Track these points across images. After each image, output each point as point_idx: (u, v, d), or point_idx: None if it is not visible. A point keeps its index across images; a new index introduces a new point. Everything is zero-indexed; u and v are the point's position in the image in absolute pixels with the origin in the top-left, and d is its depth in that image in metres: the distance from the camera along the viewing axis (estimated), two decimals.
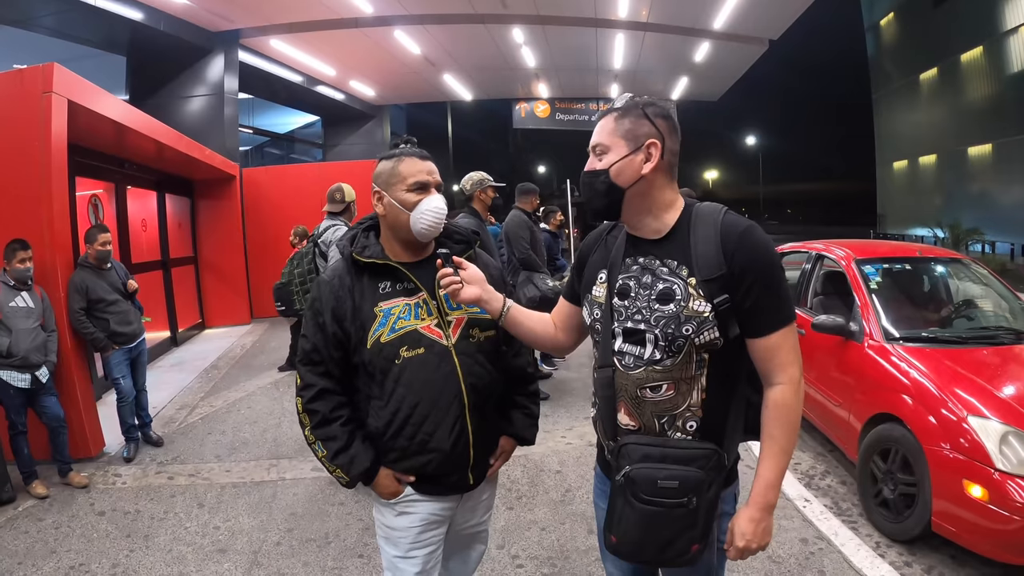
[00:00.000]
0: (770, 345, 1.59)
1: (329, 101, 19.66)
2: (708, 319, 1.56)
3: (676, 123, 1.68)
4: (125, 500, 4.36)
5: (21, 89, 4.88)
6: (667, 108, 1.67)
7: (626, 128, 1.65)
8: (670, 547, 1.60)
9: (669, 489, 1.56)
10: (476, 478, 2.01)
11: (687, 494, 1.55)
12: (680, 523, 1.57)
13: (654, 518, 1.58)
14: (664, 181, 1.67)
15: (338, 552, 3.62)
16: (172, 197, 10.05)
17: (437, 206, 1.90)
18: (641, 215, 1.69)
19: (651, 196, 1.66)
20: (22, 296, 4.42)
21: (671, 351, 1.60)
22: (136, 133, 6.76)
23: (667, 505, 1.56)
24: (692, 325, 1.57)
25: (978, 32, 24.29)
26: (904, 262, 5.03)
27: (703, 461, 1.57)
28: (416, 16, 14.36)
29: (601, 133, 1.69)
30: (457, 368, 1.89)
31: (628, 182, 1.64)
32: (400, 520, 2.00)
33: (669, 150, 1.65)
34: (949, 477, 3.16)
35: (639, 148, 1.63)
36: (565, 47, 17.57)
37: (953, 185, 26.69)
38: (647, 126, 1.63)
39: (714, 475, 1.58)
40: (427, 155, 1.96)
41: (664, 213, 1.68)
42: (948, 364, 3.67)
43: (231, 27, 13.27)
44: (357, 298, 1.91)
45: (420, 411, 1.87)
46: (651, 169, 1.63)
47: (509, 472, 4.43)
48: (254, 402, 6.59)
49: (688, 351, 1.59)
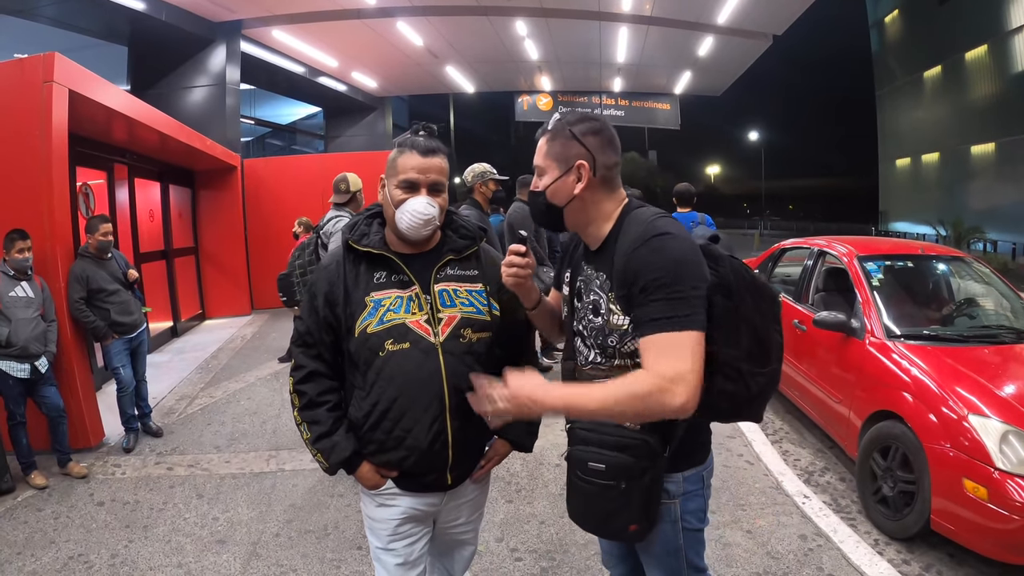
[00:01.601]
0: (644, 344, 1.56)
1: (331, 92, 19.65)
2: (628, 331, 1.65)
3: (610, 135, 1.72)
4: (124, 490, 4.36)
5: (22, 79, 4.86)
6: (597, 124, 1.71)
7: (556, 151, 1.71)
8: (607, 523, 1.75)
9: (597, 471, 1.66)
10: (455, 479, 1.98)
11: (615, 477, 1.64)
12: (613, 503, 1.68)
13: (587, 495, 1.72)
14: (601, 195, 1.73)
15: (337, 544, 3.62)
16: (173, 187, 10.03)
17: (416, 209, 1.83)
18: (582, 227, 1.78)
19: (587, 211, 1.74)
20: (22, 286, 4.41)
21: (605, 356, 1.73)
22: (137, 123, 6.74)
23: (597, 485, 1.68)
24: (615, 336, 1.67)
25: (983, 30, 24.25)
26: (906, 259, 5.02)
27: (634, 450, 1.63)
28: (419, 7, 14.34)
29: (538, 154, 1.76)
30: (441, 367, 1.86)
31: (563, 201, 1.73)
32: (380, 511, 2.00)
33: (602, 165, 1.70)
34: (949, 475, 3.16)
35: (570, 169, 1.69)
36: (568, 40, 17.56)
37: (955, 183, 26.68)
38: (575, 147, 1.69)
39: (646, 463, 1.64)
40: (434, 149, 1.88)
41: (603, 224, 1.75)
42: (949, 362, 3.66)
43: (233, 17, 13.25)
44: (350, 285, 1.89)
45: (399, 406, 1.85)
46: (582, 188, 1.69)
47: (508, 465, 4.43)
48: (254, 393, 6.59)
49: (623, 357, 1.70)
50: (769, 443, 4.87)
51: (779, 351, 1.71)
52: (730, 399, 1.64)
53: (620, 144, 1.76)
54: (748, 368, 1.64)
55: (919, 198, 29.48)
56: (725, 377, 1.61)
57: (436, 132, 1.98)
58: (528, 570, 3.33)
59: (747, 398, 1.66)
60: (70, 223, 5.18)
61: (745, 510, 3.87)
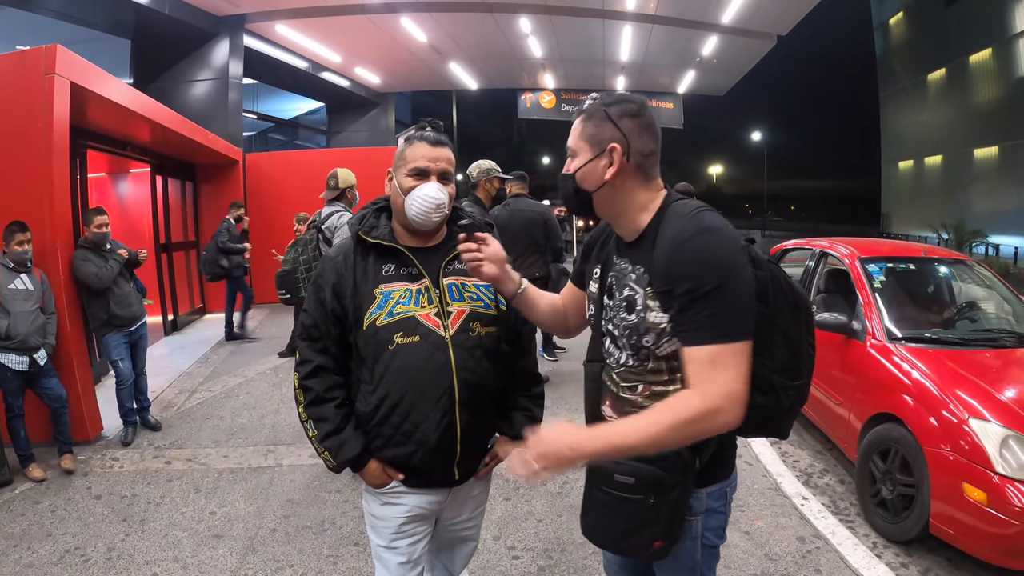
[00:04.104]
0: (689, 357, 1.46)
1: (334, 87, 19.64)
2: (666, 330, 1.51)
3: (649, 120, 1.60)
4: (122, 484, 4.36)
5: (23, 70, 4.86)
6: (635, 107, 1.60)
7: (590, 132, 1.61)
8: (626, 539, 1.60)
9: (625, 484, 1.53)
10: (463, 474, 1.97)
11: (644, 491, 1.52)
12: (638, 517, 1.55)
13: (608, 509, 1.58)
14: (635, 183, 1.61)
15: (334, 540, 3.61)
16: (174, 181, 10.03)
17: (428, 194, 1.83)
18: (615, 217, 1.67)
19: (619, 199, 1.63)
20: (21, 278, 4.40)
21: (639, 359, 1.59)
22: (139, 116, 6.73)
23: (621, 499, 1.54)
24: (651, 336, 1.54)
25: (988, 34, 24.23)
26: (908, 262, 5.00)
27: (665, 463, 1.51)
28: (423, 3, 14.34)
29: (571, 135, 1.67)
30: (451, 360, 1.84)
31: (593, 186, 1.62)
32: (385, 510, 1.98)
33: (637, 151, 1.58)
34: (948, 479, 3.15)
35: (602, 153, 1.59)
36: (572, 38, 17.54)
37: (958, 186, 26.67)
38: (609, 129, 1.58)
39: (678, 476, 1.53)
40: (441, 141, 1.91)
41: (637, 216, 1.63)
42: (950, 365, 3.65)
43: (237, 11, 13.25)
44: (359, 277, 1.88)
45: (408, 400, 1.84)
46: (613, 174, 1.58)
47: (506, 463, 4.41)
48: (253, 388, 6.59)
49: (658, 359, 1.56)
50: (768, 444, 4.86)
51: (810, 365, 1.63)
52: (760, 412, 1.55)
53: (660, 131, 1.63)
54: (780, 381, 1.56)
55: (922, 201, 29.46)
56: (756, 389, 1.51)
57: (442, 128, 1.98)
58: (525, 568, 3.32)
59: (776, 412, 1.58)
60: (70, 215, 5.17)
61: (743, 511, 3.86)
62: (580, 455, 1.46)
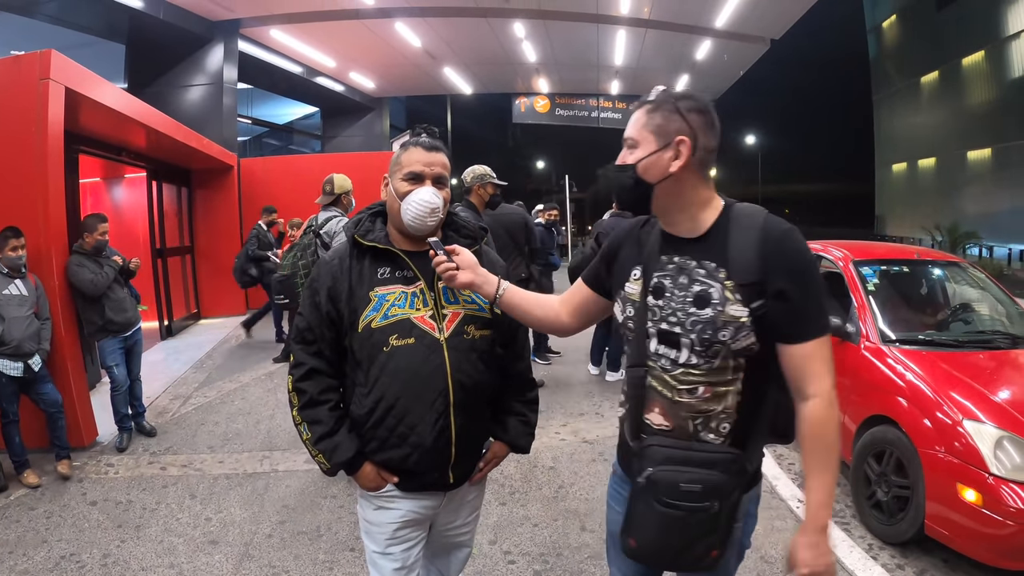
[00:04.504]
0: (804, 354, 1.52)
1: (328, 92, 19.64)
2: (745, 324, 1.51)
3: (714, 118, 1.60)
4: (117, 490, 4.35)
5: (18, 75, 4.85)
6: (702, 104, 1.59)
7: (656, 123, 1.58)
8: (689, 551, 1.56)
9: (692, 493, 1.51)
10: (457, 477, 1.97)
11: (710, 498, 1.51)
12: (701, 528, 1.53)
13: (675, 522, 1.53)
14: (697, 179, 1.60)
15: (330, 545, 3.61)
16: (169, 186, 10.01)
17: (422, 198, 1.84)
18: (674, 212, 1.64)
19: (683, 194, 1.60)
20: (15, 284, 4.39)
21: (707, 356, 1.55)
22: (134, 121, 6.73)
23: (688, 509, 1.51)
24: (729, 330, 1.52)
25: (980, 36, 24.35)
26: (902, 264, 5.02)
27: (725, 465, 1.53)
28: (417, 8, 14.35)
29: (632, 126, 1.63)
30: (446, 362, 1.85)
31: (656, 179, 1.59)
32: (379, 515, 1.97)
33: (702, 147, 1.57)
34: (943, 480, 3.16)
35: (668, 144, 1.56)
36: (566, 42, 17.58)
37: (952, 188, 26.76)
38: (678, 122, 1.56)
39: (737, 480, 1.54)
40: (437, 147, 1.92)
41: (700, 211, 1.62)
42: (944, 367, 3.66)
43: (231, 16, 13.23)
44: (354, 280, 1.88)
45: (403, 402, 1.84)
46: (680, 167, 1.56)
47: (502, 468, 4.42)
48: (248, 393, 6.58)
49: (725, 356, 1.54)
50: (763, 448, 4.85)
51: None
52: (786, 417, 1.62)
53: None
54: None
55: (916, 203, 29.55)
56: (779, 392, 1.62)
57: (437, 134, 2.00)
58: (521, 573, 3.32)
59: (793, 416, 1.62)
60: (65, 221, 5.15)
61: None
62: (826, 532, 1.51)
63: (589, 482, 4.35)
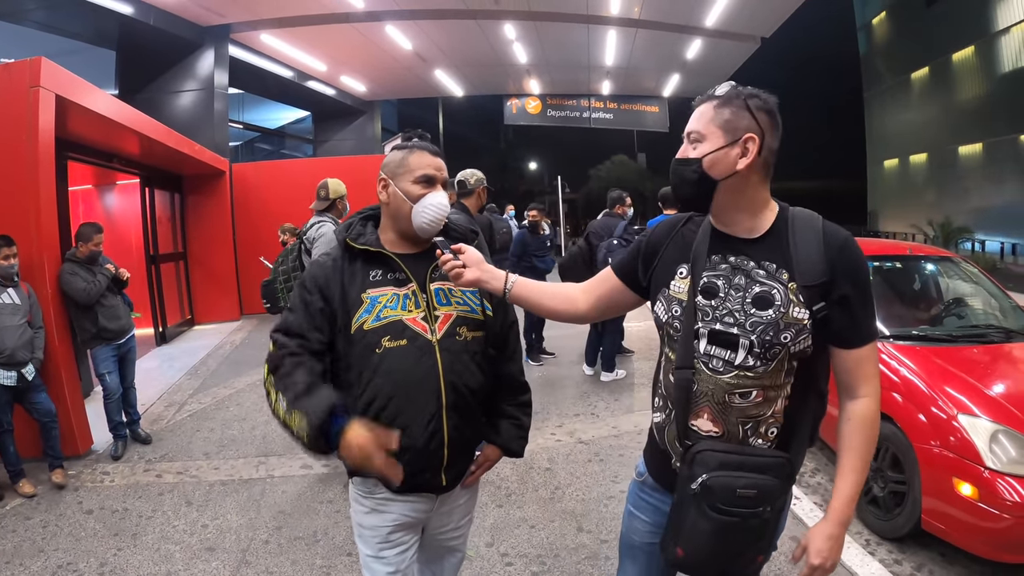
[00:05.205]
0: (859, 357, 1.56)
1: (320, 96, 19.63)
2: (806, 327, 1.50)
3: (779, 120, 1.58)
4: (113, 498, 4.33)
5: (8, 83, 4.83)
6: (771, 105, 1.57)
7: (725, 118, 1.55)
8: (739, 558, 1.57)
9: (747, 498, 1.49)
10: (450, 480, 1.96)
11: (763, 503, 1.50)
12: (753, 534, 1.53)
13: (729, 529, 1.51)
14: (759, 179, 1.59)
15: (327, 550, 3.60)
16: (162, 192, 9.98)
17: (440, 202, 1.88)
18: (733, 211, 1.61)
19: (745, 193, 1.58)
20: (8, 293, 4.37)
21: (766, 358, 1.52)
22: (125, 128, 6.70)
23: (743, 515, 1.50)
24: (790, 332, 1.50)
25: (970, 32, 24.40)
26: (894, 260, 5.03)
27: (777, 470, 1.53)
28: (408, 11, 14.36)
29: (698, 120, 1.59)
30: (438, 364, 1.85)
31: (721, 175, 1.55)
32: (371, 518, 1.97)
33: (768, 147, 1.55)
34: (939, 475, 3.17)
35: (736, 141, 1.53)
36: (557, 43, 17.60)
37: (943, 184, 26.81)
38: (747, 119, 1.54)
39: (786, 484, 1.54)
40: (438, 151, 1.96)
41: (760, 212, 1.61)
42: (938, 362, 3.67)
43: (221, 21, 13.22)
44: (346, 282, 1.88)
45: (395, 404, 1.83)
46: (747, 165, 1.54)
47: (498, 470, 4.41)
48: (243, 399, 6.56)
49: (782, 358, 1.52)
50: None
51: None
52: (814, 421, 1.66)
53: None
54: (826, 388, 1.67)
55: (908, 199, 29.62)
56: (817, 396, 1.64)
57: (429, 138, 2.02)
58: (519, 574, 3.32)
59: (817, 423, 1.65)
60: (57, 229, 5.14)
61: None
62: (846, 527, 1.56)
63: (585, 483, 4.34)
